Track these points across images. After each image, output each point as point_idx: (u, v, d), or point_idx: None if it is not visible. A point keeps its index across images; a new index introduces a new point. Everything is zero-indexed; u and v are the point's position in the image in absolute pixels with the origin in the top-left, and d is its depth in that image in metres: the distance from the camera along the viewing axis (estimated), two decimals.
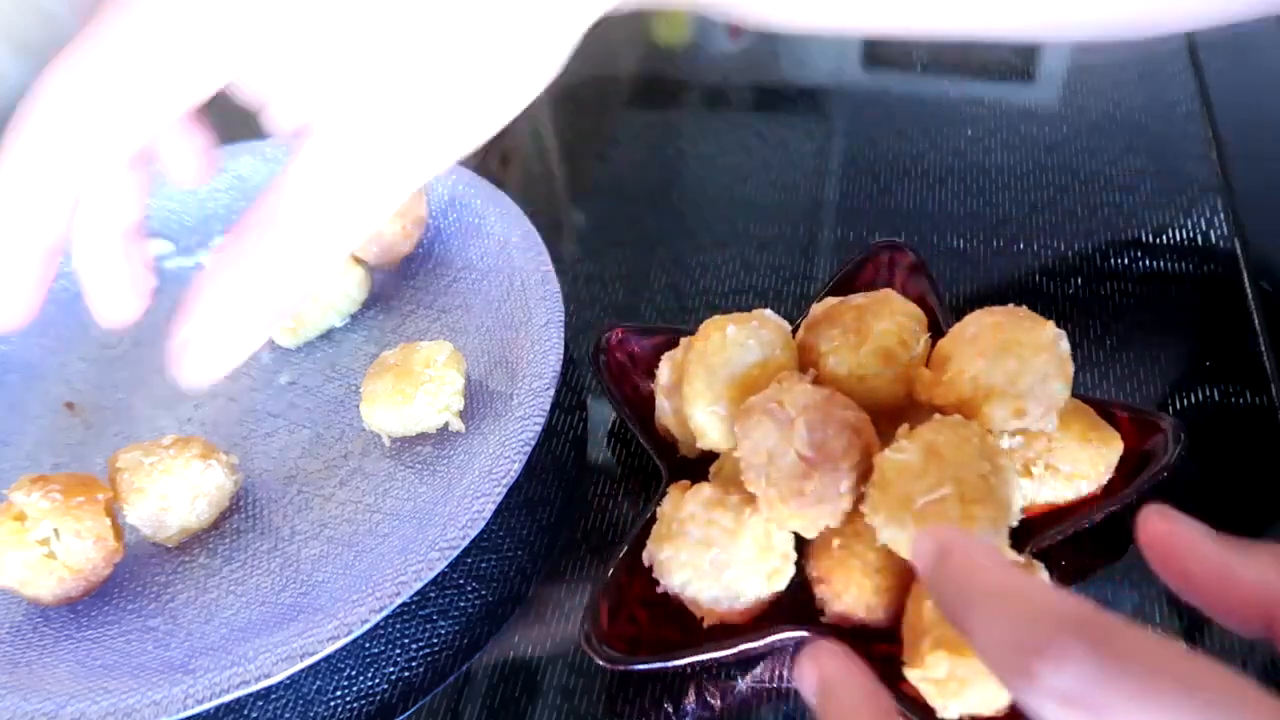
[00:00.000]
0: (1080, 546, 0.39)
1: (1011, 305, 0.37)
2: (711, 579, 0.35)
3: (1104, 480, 0.38)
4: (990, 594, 0.23)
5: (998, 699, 0.32)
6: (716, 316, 0.39)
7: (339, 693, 0.38)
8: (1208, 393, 0.44)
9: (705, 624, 0.36)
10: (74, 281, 0.53)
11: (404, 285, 0.52)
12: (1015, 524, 0.33)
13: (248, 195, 0.56)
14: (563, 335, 0.45)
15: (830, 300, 0.40)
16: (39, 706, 0.36)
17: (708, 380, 0.37)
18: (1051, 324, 0.36)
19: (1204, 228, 0.52)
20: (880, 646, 0.35)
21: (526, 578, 0.41)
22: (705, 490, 0.36)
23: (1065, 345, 0.36)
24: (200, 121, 0.33)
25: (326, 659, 0.38)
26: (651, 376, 0.42)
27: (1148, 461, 0.38)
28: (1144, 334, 0.47)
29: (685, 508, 0.36)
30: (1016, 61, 0.64)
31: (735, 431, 0.35)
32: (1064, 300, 0.49)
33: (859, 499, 0.34)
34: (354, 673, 0.39)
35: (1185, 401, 0.44)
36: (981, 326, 0.36)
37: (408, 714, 0.38)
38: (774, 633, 0.35)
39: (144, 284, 0.33)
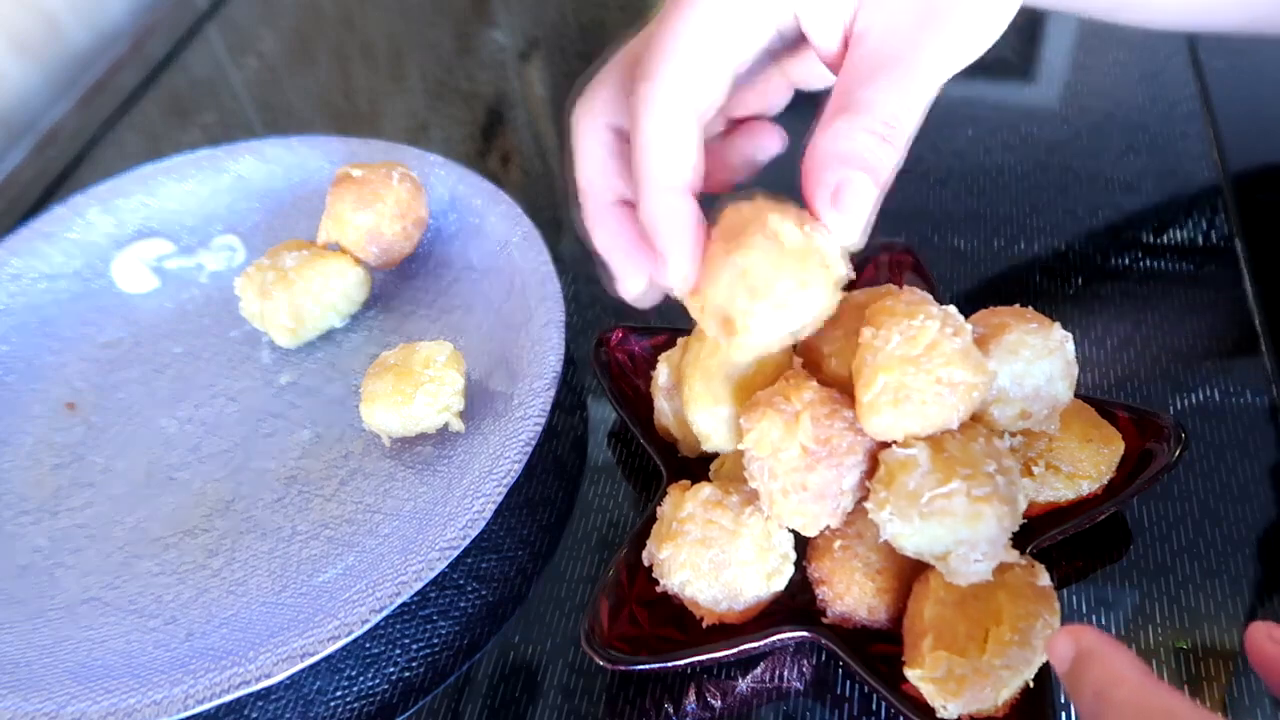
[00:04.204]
0: (1081, 546, 0.39)
1: (1018, 305, 0.37)
2: (711, 579, 0.35)
3: (1105, 480, 0.38)
4: (1132, 708, 0.23)
5: (996, 699, 0.32)
6: None
7: (339, 693, 0.38)
8: (1208, 393, 0.44)
9: (705, 624, 0.36)
10: (74, 281, 0.54)
11: (404, 285, 0.52)
12: (1018, 528, 0.33)
13: (248, 195, 0.56)
14: (563, 335, 0.45)
15: None
16: (39, 706, 0.36)
17: (706, 383, 0.37)
18: (1059, 325, 0.36)
19: (1204, 228, 0.52)
20: (880, 646, 0.35)
21: (527, 578, 0.41)
22: (705, 490, 0.36)
23: (1072, 347, 0.36)
24: None
25: (326, 659, 0.38)
26: (651, 377, 0.42)
27: (1148, 461, 0.38)
28: (1144, 334, 0.47)
29: (685, 507, 0.36)
30: (1016, 61, 0.64)
31: (741, 424, 0.35)
32: (1064, 300, 0.49)
33: (862, 496, 0.34)
34: (354, 673, 0.39)
35: (1185, 401, 0.44)
36: (989, 327, 0.36)
37: (408, 714, 0.38)
38: (774, 633, 0.35)
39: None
